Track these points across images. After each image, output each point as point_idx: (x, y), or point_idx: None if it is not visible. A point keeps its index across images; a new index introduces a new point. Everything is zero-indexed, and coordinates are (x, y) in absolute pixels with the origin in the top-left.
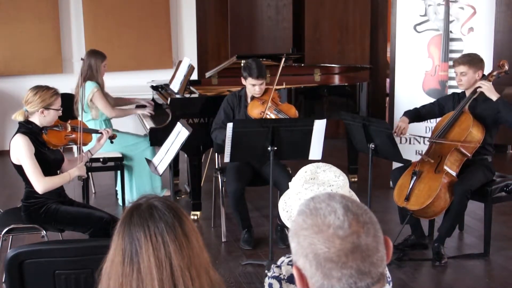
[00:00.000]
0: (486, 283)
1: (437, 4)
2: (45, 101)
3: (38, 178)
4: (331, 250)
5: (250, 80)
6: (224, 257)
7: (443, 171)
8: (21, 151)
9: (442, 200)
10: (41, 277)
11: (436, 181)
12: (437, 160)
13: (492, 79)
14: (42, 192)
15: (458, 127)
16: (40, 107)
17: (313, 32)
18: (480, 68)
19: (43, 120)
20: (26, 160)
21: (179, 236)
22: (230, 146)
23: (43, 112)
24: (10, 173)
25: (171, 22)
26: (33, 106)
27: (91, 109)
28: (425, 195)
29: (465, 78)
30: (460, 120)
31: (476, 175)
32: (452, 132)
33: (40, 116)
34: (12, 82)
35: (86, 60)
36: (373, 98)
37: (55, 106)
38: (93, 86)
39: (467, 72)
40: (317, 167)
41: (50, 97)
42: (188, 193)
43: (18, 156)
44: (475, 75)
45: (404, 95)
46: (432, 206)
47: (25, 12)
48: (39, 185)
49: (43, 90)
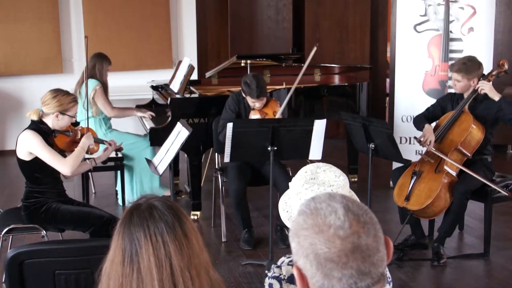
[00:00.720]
0: (486, 283)
1: (437, 4)
2: (62, 106)
3: (61, 162)
4: (331, 250)
5: (250, 99)
6: (224, 257)
7: (443, 171)
8: (34, 143)
9: (442, 200)
10: (41, 277)
11: (436, 181)
12: (437, 160)
13: (492, 78)
14: (71, 173)
15: (458, 127)
16: (56, 110)
17: (313, 32)
18: (476, 75)
19: (56, 123)
20: (42, 149)
21: (179, 236)
22: (230, 146)
23: (57, 116)
24: (10, 173)
25: (171, 22)
26: (49, 108)
27: (92, 106)
28: (425, 195)
29: (459, 84)
30: (460, 120)
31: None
32: (452, 132)
33: (54, 119)
34: (12, 82)
35: (91, 61)
36: (373, 98)
37: (70, 113)
38: (96, 83)
39: (461, 80)
40: (317, 167)
41: (68, 103)
42: (188, 193)
43: (31, 149)
44: (469, 82)
45: (404, 95)
46: (432, 206)
47: (25, 12)
48: (66, 167)
49: (63, 94)
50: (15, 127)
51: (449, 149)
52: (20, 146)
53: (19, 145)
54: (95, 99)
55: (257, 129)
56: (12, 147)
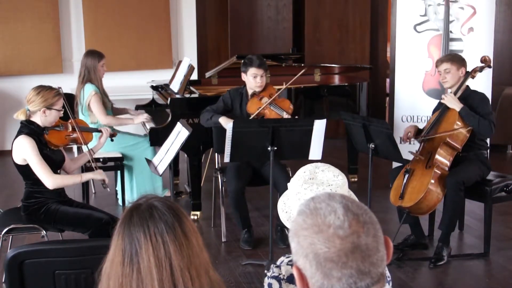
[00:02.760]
0: (486, 283)
1: (437, 4)
2: (47, 101)
3: (47, 175)
4: (331, 250)
5: (252, 70)
6: (224, 257)
7: (434, 165)
8: (27, 151)
9: (435, 194)
10: (41, 277)
11: (427, 176)
12: (427, 157)
13: (476, 74)
14: (52, 188)
15: (446, 122)
16: (42, 106)
17: (313, 32)
18: (463, 65)
19: (44, 120)
20: (34, 159)
21: (179, 236)
22: (230, 146)
23: (44, 112)
24: (10, 173)
25: (171, 22)
26: (35, 106)
27: (89, 113)
28: (417, 191)
29: (449, 75)
30: (447, 115)
31: (469, 168)
32: (440, 127)
33: (41, 115)
34: (12, 82)
35: (82, 61)
36: (373, 98)
37: (57, 107)
38: (92, 89)
39: (450, 68)
40: (316, 167)
41: (53, 97)
42: (188, 193)
43: (24, 156)
44: (458, 72)
45: (404, 95)
46: (425, 200)
47: (25, 12)
48: (50, 182)
49: (46, 90)
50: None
51: (438, 144)
52: (15, 152)
53: (14, 151)
54: (91, 105)
55: (257, 129)
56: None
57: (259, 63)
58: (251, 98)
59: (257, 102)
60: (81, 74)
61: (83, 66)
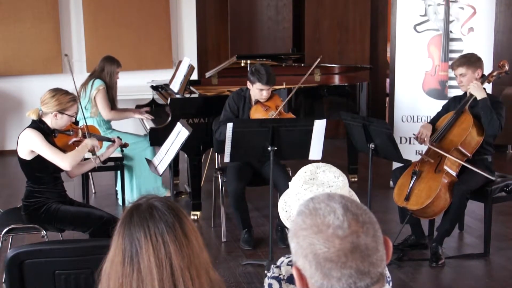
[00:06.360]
0: (486, 283)
1: (437, 4)
2: (61, 105)
3: (61, 157)
4: (330, 250)
5: (259, 85)
6: (224, 257)
7: (443, 171)
8: (35, 141)
9: (442, 200)
10: (41, 277)
11: (436, 181)
12: (437, 160)
13: (492, 79)
14: (70, 168)
15: (458, 127)
16: (55, 110)
17: (313, 32)
18: (479, 66)
19: (55, 123)
20: (43, 146)
21: (179, 236)
22: (230, 146)
23: (56, 115)
24: (10, 173)
25: (171, 22)
26: (48, 108)
27: (92, 106)
28: (425, 195)
29: (465, 79)
30: (460, 120)
31: (476, 175)
32: (452, 132)
33: (53, 118)
34: (12, 82)
35: (101, 64)
36: (373, 98)
37: (69, 112)
38: (99, 83)
39: (466, 72)
40: (317, 167)
41: (67, 102)
42: (188, 193)
43: (32, 147)
44: (474, 74)
45: (404, 95)
46: (432, 206)
47: (25, 12)
48: (66, 162)
49: (62, 94)
50: (15, 127)
51: (449, 149)
52: (21, 145)
53: (20, 144)
54: (96, 99)
55: (257, 129)
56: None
57: (267, 80)
58: (255, 105)
59: (262, 112)
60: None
61: (101, 69)
